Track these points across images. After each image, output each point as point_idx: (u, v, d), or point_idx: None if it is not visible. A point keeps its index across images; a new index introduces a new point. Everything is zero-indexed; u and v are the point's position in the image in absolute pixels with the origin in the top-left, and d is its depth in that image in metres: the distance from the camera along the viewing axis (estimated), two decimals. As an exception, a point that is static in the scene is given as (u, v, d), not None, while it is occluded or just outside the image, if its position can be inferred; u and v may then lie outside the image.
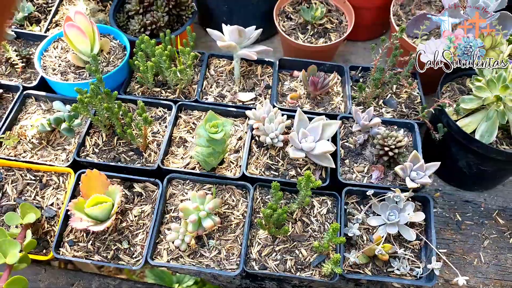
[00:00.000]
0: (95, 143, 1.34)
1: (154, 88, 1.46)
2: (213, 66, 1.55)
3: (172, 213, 1.26)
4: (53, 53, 1.47)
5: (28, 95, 1.42)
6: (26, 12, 1.47)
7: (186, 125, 1.40)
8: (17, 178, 1.28)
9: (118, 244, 1.20)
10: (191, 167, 1.31)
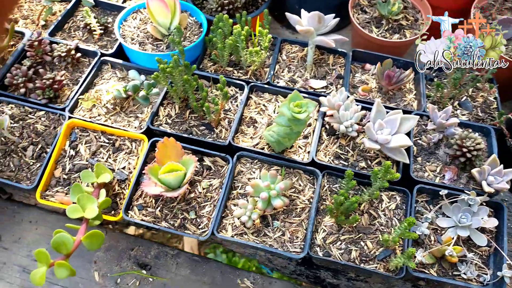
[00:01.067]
0: (168, 114, 1.36)
1: (227, 68, 1.47)
2: (285, 51, 1.55)
3: (239, 189, 1.26)
4: (132, 23, 1.50)
5: (104, 62, 1.45)
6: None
7: (256, 106, 1.40)
8: (91, 139, 1.30)
9: (185, 213, 1.21)
10: (260, 147, 1.31)
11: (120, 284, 1.28)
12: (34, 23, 1.57)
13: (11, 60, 1.40)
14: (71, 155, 1.28)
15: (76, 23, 1.58)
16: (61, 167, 1.27)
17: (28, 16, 1.60)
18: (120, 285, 1.27)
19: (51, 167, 1.25)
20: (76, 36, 1.54)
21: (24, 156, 1.27)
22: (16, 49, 1.43)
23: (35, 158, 1.27)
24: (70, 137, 1.30)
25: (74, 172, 1.26)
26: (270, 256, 1.35)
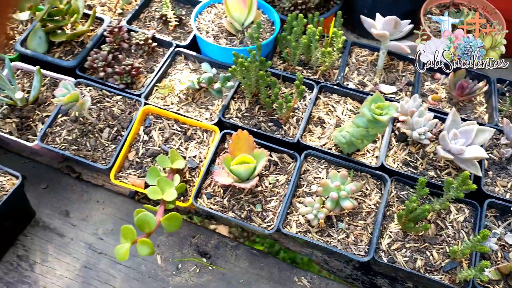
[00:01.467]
0: (238, 108, 1.38)
1: (297, 66, 1.48)
2: (355, 54, 1.55)
3: (304, 188, 1.27)
4: (207, 17, 1.53)
5: (178, 53, 1.49)
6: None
7: (324, 106, 1.40)
8: (164, 127, 1.34)
9: (251, 206, 1.23)
10: (327, 147, 1.32)
11: (181, 269, 1.31)
12: (111, 11, 1.64)
13: (90, 45, 1.46)
14: (145, 140, 1.32)
15: (151, 14, 1.63)
16: (134, 150, 1.31)
17: (106, 4, 1.66)
18: (180, 270, 1.30)
19: (126, 150, 1.29)
20: (151, 26, 1.59)
21: (100, 137, 1.32)
22: (96, 34, 1.49)
23: (110, 140, 1.32)
24: (144, 122, 1.35)
25: (146, 156, 1.30)
26: (327, 257, 1.36)
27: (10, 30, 1.55)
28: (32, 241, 1.34)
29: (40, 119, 1.35)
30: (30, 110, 1.36)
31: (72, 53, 1.47)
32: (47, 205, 1.41)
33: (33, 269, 1.30)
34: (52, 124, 1.33)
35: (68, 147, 1.30)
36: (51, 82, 1.42)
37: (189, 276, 1.30)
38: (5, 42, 1.23)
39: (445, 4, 1.66)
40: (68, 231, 1.37)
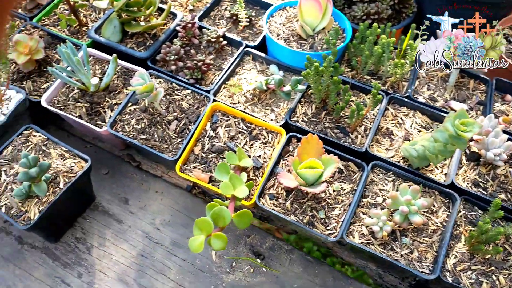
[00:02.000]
0: (304, 112, 1.38)
1: (365, 76, 1.46)
2: (424, 68, 1.52)
3: (369, 199, 1.24)
4: (278, 20, 1.54)
5: (247, 53, 1.50)
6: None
7: (393, 118, 1.38)
8: (230, 124, 1.35)
9: (314, 211, 1.21)
10: (395, 160, 1.29)
11: (235, 267, 1.30)
12: (181, 7, 1.66)
13: (163, 38, 1.49)
14: (211, 136, 1.33)
15: (220, 12, 1.65)
16: (200, 145, 1.32)
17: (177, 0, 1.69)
18: (235, 268, 1.30)
19: (192, 144, 1.30)
20: (220, 24, 1.61)
21: (168, 129, 1.33)
22: (168, 28, 1.52)
23: (178, 133, 1.33)
24: (211, 118, 1.35)
25: (211, 152, 1.31)
26: (382, 271, 1.32)
27: (83, 17, 1.60)
28: (91, 224, 1.36)
29: (109, 106, 1.38)
30: (100, 96, 1.39)
31: (144, 45, 1.50)
32: (107, 191, 1.43)
33: (90, 253, 1.32)
34: (122, 112, 1.35)
35: (136, 135, 1.32)
36: (122, 71, 1.45)
37: (242, 275, 1.29)
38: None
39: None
40: (127, 218, 1.38)
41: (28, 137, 1.28)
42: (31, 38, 1.39)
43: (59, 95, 1.40)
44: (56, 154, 1.26)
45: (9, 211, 1.16)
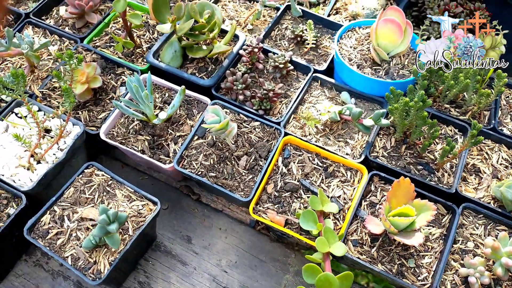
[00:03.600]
0: (383, 146, 1.28)
1: (445, 104, 1.36)
2: (504, 95, 1.42)
3: (460, 244, 1.15)
4: (348, 42, 1.43)
5: (315, 78, 1.40)
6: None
7: (478, 152, 1.28)
8: (303, 159, 1.25)
9: (403, 259, 1.12)
10: (485, 201, 1.20)
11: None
12: (239, 25, 1.56)
13: (226, 63, 1.38)
14: (283, 173, 1.23)
15: (281, 32, 1.54)
16: (272, 183, 1.22)
17: (234, 17, 1.58)
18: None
19: (264, 182, 1.21)
20: (281, 45, 1.50)
21: (237, 165, 1.24)
22: (232, 51, 1.41)
23: (248, 169, 1.23)
24: (283, 153, 1.26)
25: (284, 190, 1.21)
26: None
27: (137, 37, 1.50)
28: (154, 266, 1.28)
29: (173, 139, 1.29)
30: (163, 128, 1.29)
31: (206, 70, 1.40)
32: (168, 228, 1.34)
33: (155, 297, 1.24)
34: (188, 146, 1.26)
35: (205, 173, 1.22)
36: (185, 100, 1.35)
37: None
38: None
39: None
40: (191, 259, 1.29)
41: (90, 177, 1.19)
42: (87, 64, 1.30)
43: (118, 126, 1.31)
44: (121, 195, 1.17)
45: (76, 262, 1.07)
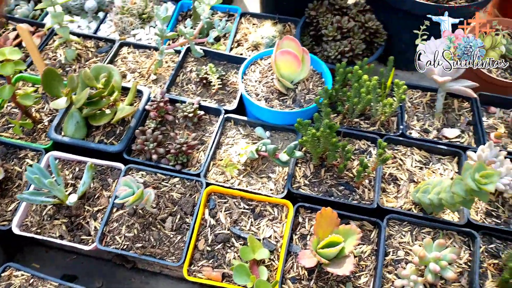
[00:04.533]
0: (304, 174, 1.30)
1: (354, 119, 1.40)
2: (408, 97, 1.49)
3: (391, 255, 1.19)
4: (252, 76, 1.43)
5: (228, 119, 1.39)
6: (223, 31, 1.45)
7: (393, 161, 1.33)
8: (230, 206, 1.24)
9: (341, 285, 1.15)
10: (406, 207, 1.25)
11: None
12: (143, 77, 1.52)
13: (134, 123, 1.34)
14: (212, 225, 1.22)
15: (186, 76, 1.52)
16: (203, 238, 1.20)
17: (135, 70, 1.54)
18: None
19: (194, 239, 1.18)
20: (189, 89, 1.48)
21: (163, 228, 1.20)
22: (137, 109, 1.37)
23: (175, 230, 1.20)
24: (208, 204, 1.24)
25: (216, 243, 1.20)
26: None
27: (36, 112, 1.42)
28: None
29: (91, 215, 1.23)
30: (79, 207, 1.23)
31: (114, 134, 1.35)
32: (109, 306, 1.29)
33: None
34: (108, 221, 1.21)
35: (131, 245, 1.18)
36: (97, 170, 1.29)
37: None
38: None
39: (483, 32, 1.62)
40: (139, 332, 1.25)
41: (9, 280, 1.11)
42: (-18, 158, 1.21)
43: (31, 215, 1.23)
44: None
45: None
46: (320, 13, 1.54)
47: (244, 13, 1.71)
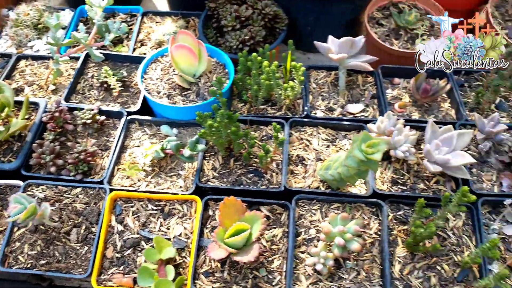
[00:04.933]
0: (212, 166, 1.29)
1: (260, 106, 1.40)
2: (313, 78, 1.50)
3: (303, 235, 1.20)
4: (153, 75, 1.41)
5: (131, 120, 1.36)
6: (119, 32, 1.41)
7: (300, 142, 1.34)
8: (137, 210, 1.21)
9: (255, 272, 1.14)
10: (314, 186, 1.26)
11: None
12: (42, 89, 1.46)
13: (30, 137, 1.29)
14: (120, 231, 1.19)
15: (88, 82, 1.47)
16: (111, 245, 1.17)
17: (34, 82, 1.48)
18: None
19: (101, 248, 1.15)
20: (91, 96, 1.44)
21: (69, 241, 1.16)
22: (34, 122, 1.31)
23: (81, 241, 1.16)
24: (114, 211, 1.21)
25: (126, 248, 1.17)
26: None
27: None
28: None
29: (-8, 238, 1.17)
30: (-23, 231, 1.17)
31: (11, 151, 1.29)
32: (26, 329, 1.23)
33: None
34: (9, 241, 1.15)
35: (35, 263, 1.13)
36: (-6, 191, 1.23)
37: None
38: None
39: (385, 5, 1.66)
40: None
41: None
42: None
43: None
44: None
45: None
46: (220, 4, 1.53)
47: (146, 12, 1.68)
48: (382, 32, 1.60)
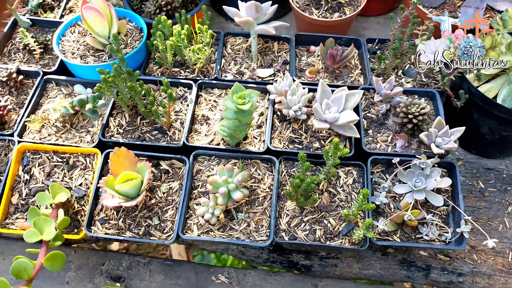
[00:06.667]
0: (118, 123, 1.35)
1: (173, 69, 1.46)
2: (230, 44, 1.55)
3: (200, 188, 1.27)
4: (71, 37, 1.47)
5: (48, 80, 1.43)
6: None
7: (207, 103, 1.40)
8: (43, 161, 1.29)
9: (148, 220, 1.21)
10: (215, 143, 1.32)
11: (96, 300, 1.28)
12: (-30, 52, 1.53)
13: (-50, 93, 1.37)
14: (26, 180, 1.26)
15: (15, 46, 1.54)
16: (17, 193, 1.25)
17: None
18: (96, 301, 1.27)
19: (7, 194, 1.23)
20: (17, 58, 1.51)
21: (-23, 188, 1.25)
22: (-47, 80, 1.39)
23: (-12, 189, 1.25)
24: (22, 162, 1.28)
25: (31, 196, 1.24)
26: (242, 248, 1.37)
27: None
28: None
29: None
30: None
31: None
32: None
33: None
34: None
35: None
36: None
37: (106, 304, 1.27)
38: None
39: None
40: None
41: None
42: None
43: None
44: None
45: None
46: (143, -30, 1.58)
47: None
48: (304, 2, 1.64)
